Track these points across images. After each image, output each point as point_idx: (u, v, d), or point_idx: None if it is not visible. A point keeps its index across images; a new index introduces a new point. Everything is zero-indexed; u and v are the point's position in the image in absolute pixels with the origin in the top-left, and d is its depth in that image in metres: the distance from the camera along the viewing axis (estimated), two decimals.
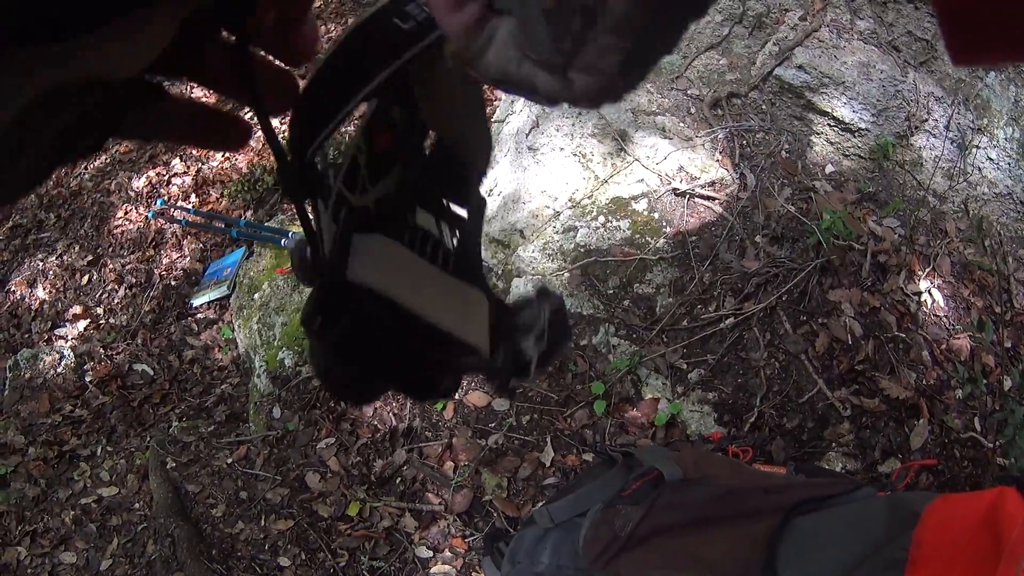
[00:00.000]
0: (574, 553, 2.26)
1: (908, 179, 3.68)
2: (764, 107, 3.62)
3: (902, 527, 1.36)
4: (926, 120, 3.72)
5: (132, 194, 6.12)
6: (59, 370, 4.76)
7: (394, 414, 3.74)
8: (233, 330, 4.82)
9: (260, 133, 0.60)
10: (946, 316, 3.32)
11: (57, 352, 4.86)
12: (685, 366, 3.22)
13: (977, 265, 3.50)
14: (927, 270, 3.37)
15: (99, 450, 4.21)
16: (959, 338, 3.28)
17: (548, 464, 3.33)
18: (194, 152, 6.22)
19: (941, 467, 3.03)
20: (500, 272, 3.70)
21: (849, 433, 3.02)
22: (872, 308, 3.19)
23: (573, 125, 3.59)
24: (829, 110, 3.58)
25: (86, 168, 6.66)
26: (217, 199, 5.79)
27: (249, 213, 5.52)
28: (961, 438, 3.09)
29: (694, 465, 2.21)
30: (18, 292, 5.87)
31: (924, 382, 3.14)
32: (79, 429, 4.38)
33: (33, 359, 4.79)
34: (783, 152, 3.51)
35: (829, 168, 3.55)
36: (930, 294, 3.32)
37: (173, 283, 5.43)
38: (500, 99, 4.40)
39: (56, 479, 4.04)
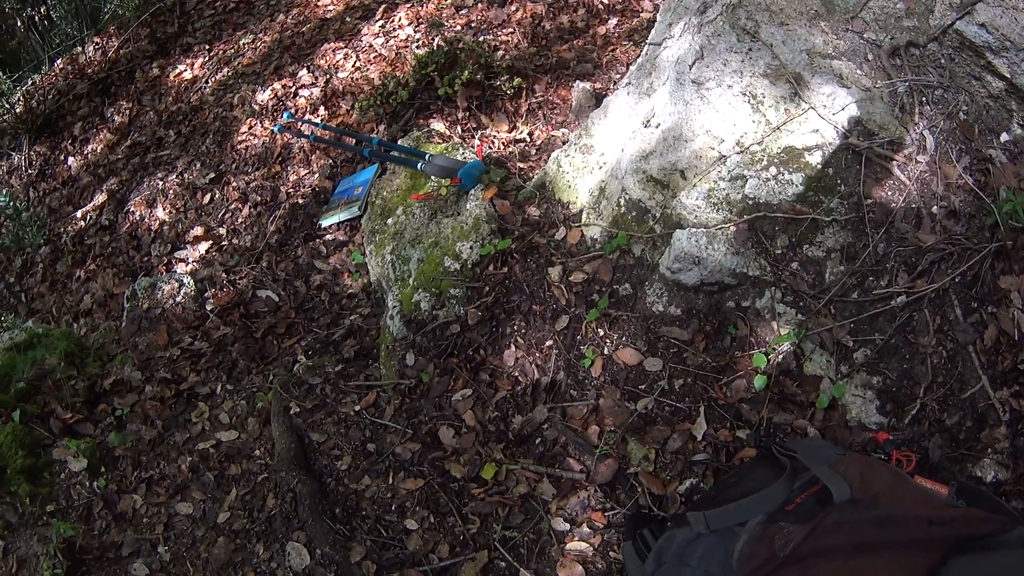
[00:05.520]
0: (725, 564, 2.32)
1: None
2: (943, 62, 3.33)
3: None
4: None
5: (256, 108, 6.05)
6: (178, 299, 4.71)
7: (537, 366, 3.60)
8: (364, 255, 4.73)
9: None
10: None
11: (176, 280, 4.81)
12: (851, 344, 3.06)
13: None
14: None
15: (219, 388, 4.15)
16: None
17: (700, 438, 3.20)
18: (322, 63, 6.11)
19: None
20: (658, 216, 3.51)
21: (1004, 439, 2.85)
22: None
23: (743, 61, 3.33)
24: (1008, 76, 3.24)
25: (207, 82, 6.63)
26: (347, 112, 5.67)
27: (382, 128, 5.39)
28: None
29: (860, 480, 2.30)
30: (137, 213, 5.88)
31: None
32: (198, 364, 4.32)
33: (151, 288, 4.75)
34: (961, 114, 3.24)
35: (1004, 137, 3.24)
36: None
37: (300, 202, 5.35)
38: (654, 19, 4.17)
39: (173, 420, 3.98)
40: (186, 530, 3.51)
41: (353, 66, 5.99)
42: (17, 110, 7.29)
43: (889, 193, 3.10)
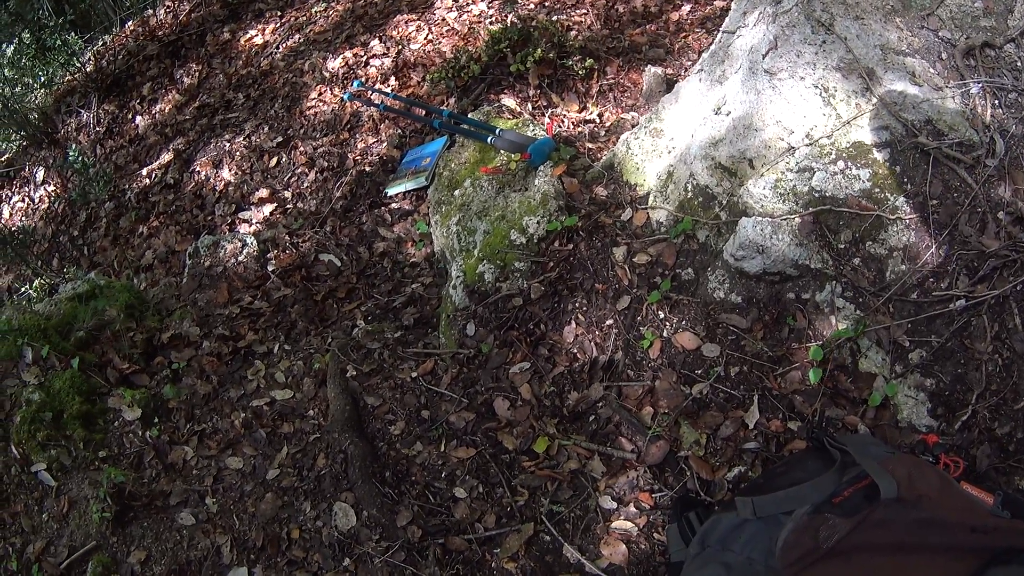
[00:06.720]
0: (768, 551, 2.37)
1: None
2: (1019, 64, 3.30)
3: None
4: None
5: (327, 75, 6.11)
6: (240, 258, 4.77)
7: (596, 344, 3.62)
8: (429, 225, 4.78)
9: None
10: None
11: (239, 240, 4.87)
12: (908, 344, 3.03)
13: None
14: None
15: (276, 348, 4.21)
16: None
17: (751, 426, 3.20)
18: (394, 33, 6.16)
19: None
20: (724, 203, 3.52)
21: None
22: None
23: (816, 54, 3.33)
24: None
25: (278, 47, 6.69)
26: (418, 83, 5.72)
27: (452, 101, 5.43)
28: None
29: (908, 480, 2.32)
30: (203, 172, 5.96)
31: None
32: (257, 323, 4.38)
33: (214, 246, 4.81)
34: None
35: None
36: None
37: (367, 169, 5.40)
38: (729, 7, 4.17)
39: (229, 377, 4.05)
40: (235, 484, 3.57)
41: (425, 38, 6.03)
42: (87, 69, 7.41)
43: (954, 195, 3.08)
